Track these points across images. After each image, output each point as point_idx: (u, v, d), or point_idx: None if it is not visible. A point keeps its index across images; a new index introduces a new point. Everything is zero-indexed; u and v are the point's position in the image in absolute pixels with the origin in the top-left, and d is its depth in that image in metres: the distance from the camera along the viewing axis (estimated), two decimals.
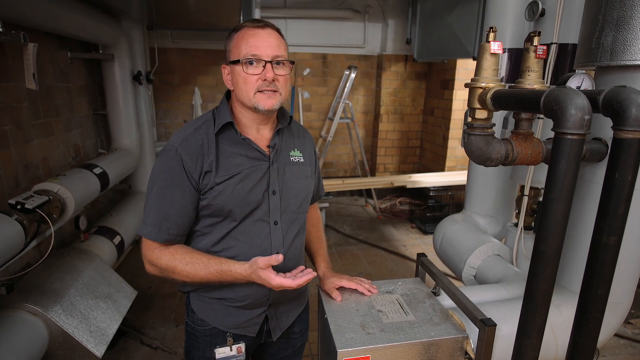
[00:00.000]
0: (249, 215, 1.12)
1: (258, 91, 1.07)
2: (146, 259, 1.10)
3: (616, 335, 2.62)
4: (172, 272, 1.07)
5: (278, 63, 1.08)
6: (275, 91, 1.08)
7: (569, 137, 0.79)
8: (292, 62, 1.13)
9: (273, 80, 1.07)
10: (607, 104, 0.85)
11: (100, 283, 2.33)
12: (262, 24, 1.08)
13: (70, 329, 1.89)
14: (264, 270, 1.00)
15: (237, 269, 1.04)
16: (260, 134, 1.16)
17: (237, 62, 1.06)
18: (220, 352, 1.17)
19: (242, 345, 1.19)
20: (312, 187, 1.27)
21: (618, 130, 0.83)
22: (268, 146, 1.16)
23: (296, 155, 1.21)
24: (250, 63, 1.05)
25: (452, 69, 4.68)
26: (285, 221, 1.17)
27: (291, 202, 1.18)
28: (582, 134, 0.79)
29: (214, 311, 1.18)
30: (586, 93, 0.85)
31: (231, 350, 1.18)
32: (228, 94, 1.19)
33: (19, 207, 1.90)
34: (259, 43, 1.05)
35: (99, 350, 1.95)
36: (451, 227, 2.09)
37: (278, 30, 1.11)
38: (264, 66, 1.05)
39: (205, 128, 1.10)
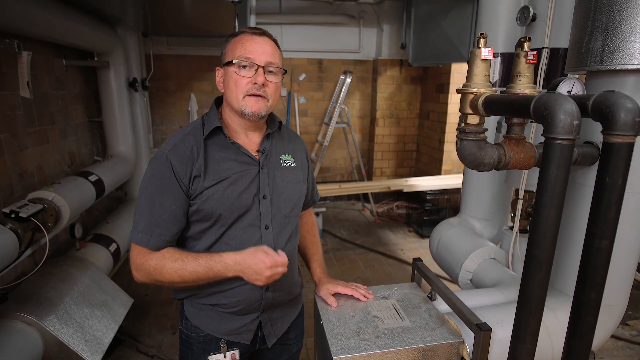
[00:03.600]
0: (240, 220, 1.12)
1: (247, 95, 1.08)
2: (134, 264, 1.08)
3: (613, 337, 2.62)
4: (160, 272, 1.05)
5: (270, 70, 1.09)
6: (263, 97, 1.09)
7: (559, 142, 0.80)
8: (285, 71, 1.15)
9: (263, 85, 1.08)
10: (596, 109, 0.86)
11: (96, 291, 2.32)
12: (260, 31, 1.10)
13: (65, 339, 1.87)
14: (265, 251, 1.01)
15: (229, 255, 1.03)
16: (250, 139, 1.17)
17: (230, 63, 1.08)
18: (214, 359, 1.17)
19: (236, 352, 1.18)
20: (304, 191, 1.27)
21: (607, 134, 0.84)
22: (258, 151, 1.17)
23: (287, 160, 1.22)
24: (244, 66, 1.07)
25: (447, 72, 4.70)
26: (277, 225, 1.17)
27: (282, 207, 1.18)
28: (572, 139, 0.79)
29: (208, 317, 1.18)
30: (575, 98, 0.86)
31: (225, 357, 1.17)
32: (217, 101, 1.20)
33: (13, 215, 1.89)
34: (254, 48, 1.07)
35: None
36: (447, 231, 2.09)
37: (275, 41, 1.13)
38: (256, 70, 1.07)
39: (194, 134, 1.11)
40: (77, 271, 2.33)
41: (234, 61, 1.07)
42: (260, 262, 1.00)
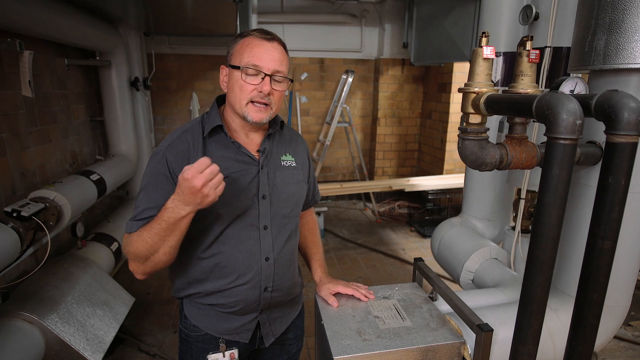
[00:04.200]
0: (238, 220, 1.11)
1: (251, 101, 1.07)
2: (126, 250, 1.06)
3: (616, 337, 2.61)
4: (131, 244, 1.02)
5: (277, 79, 1.08)
6: (267, 105, 1.08)
7: (562, 141, 0.79)
8: (291, 80, 1.14)
9: (268, 93, 1.07)
10: (599, 108, 0.85)
11: (98, 290, 2.32)
12: (270, 36, 1.09)
13: (66, 337, 1.87)
14: (183, 170, 0.91)
15: (169, 199, 0.98)
16: (250, 139, 1.17)
17: (237, 67, 1.07)
18: (213, 358, 1.17)
19: (235, 352, 1.18)
20: (304, 192, 1.27)
21: (610, 134, 0.84)
22: (258, 151, 1.16)
23: (288, 160, 1.21)
24: (250, 73, 1.06)
25: (449, 72, 4.69)
26: (276, 226, 1.17)
27: (282, 207, 1.18)
28: (575, 138, 0.78)
29: (207, 317, 1.18)
30: (578, 97, 0.85)
31: (224, 356, 1.17)
32: (219, 99, 1.20)
33: (15, 214, 1.90)
34: (262, 54, 1.06)
35: (95, 359, 1.93)
36: (449, 231, 2.08)
37: (284, 46, 1.11)
38: (263, 78, 1.06)
39: (192, 132, 1.11)
40: (78, 270, 2.33)
41: (241, 67, 1.06)
42: (184, 181, 0.92)
